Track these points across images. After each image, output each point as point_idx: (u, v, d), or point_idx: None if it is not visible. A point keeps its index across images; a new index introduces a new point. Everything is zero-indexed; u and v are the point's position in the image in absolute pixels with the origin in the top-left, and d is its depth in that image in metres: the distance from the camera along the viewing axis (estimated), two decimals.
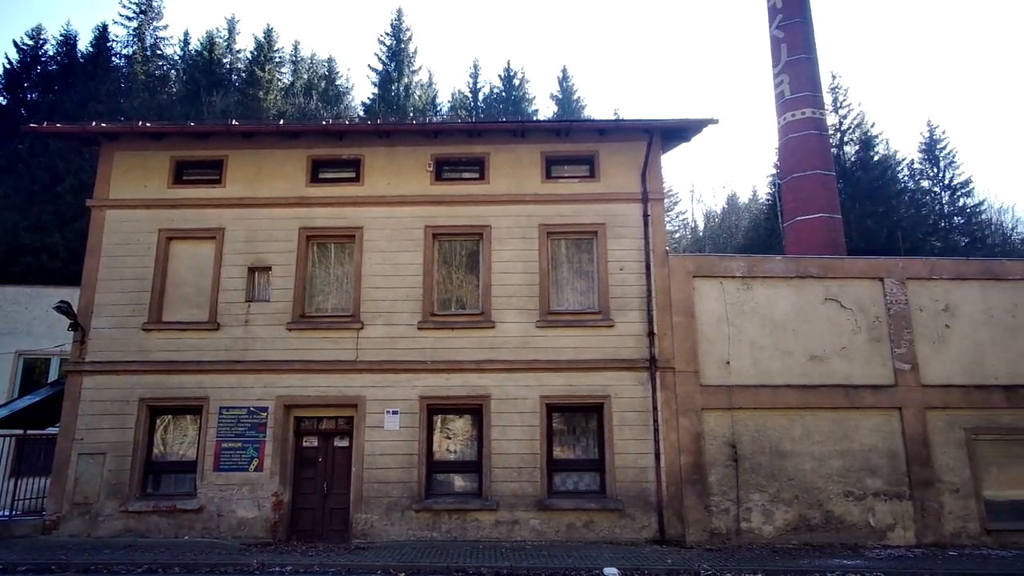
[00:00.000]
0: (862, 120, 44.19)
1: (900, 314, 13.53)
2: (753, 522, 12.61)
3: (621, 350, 13.15)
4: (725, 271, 13.70)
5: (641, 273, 13.47)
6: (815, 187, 24.57)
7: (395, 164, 14.21)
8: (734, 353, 13.29)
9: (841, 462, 12.90)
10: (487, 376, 13.04)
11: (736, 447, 12.91)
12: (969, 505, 12.72)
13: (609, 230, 13.73)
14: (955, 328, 13.57)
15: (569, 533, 12.39)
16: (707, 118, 13.68)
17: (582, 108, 48.07)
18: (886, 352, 13.40)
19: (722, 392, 13.07)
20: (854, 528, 12.61)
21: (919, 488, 12.73)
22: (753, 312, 13.50)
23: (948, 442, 13.00)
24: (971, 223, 44.92)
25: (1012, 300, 13.73)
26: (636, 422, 12.85)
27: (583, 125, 15.21)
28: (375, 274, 13.58)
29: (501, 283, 13.51)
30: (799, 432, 13.00)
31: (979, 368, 13.38)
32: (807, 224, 24.29)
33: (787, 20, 26.47)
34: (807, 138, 25.01)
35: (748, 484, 12.77)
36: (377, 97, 43.52)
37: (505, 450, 12.74)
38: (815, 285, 13.67)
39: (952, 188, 45.14)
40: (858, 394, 13.15)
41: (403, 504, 12.49)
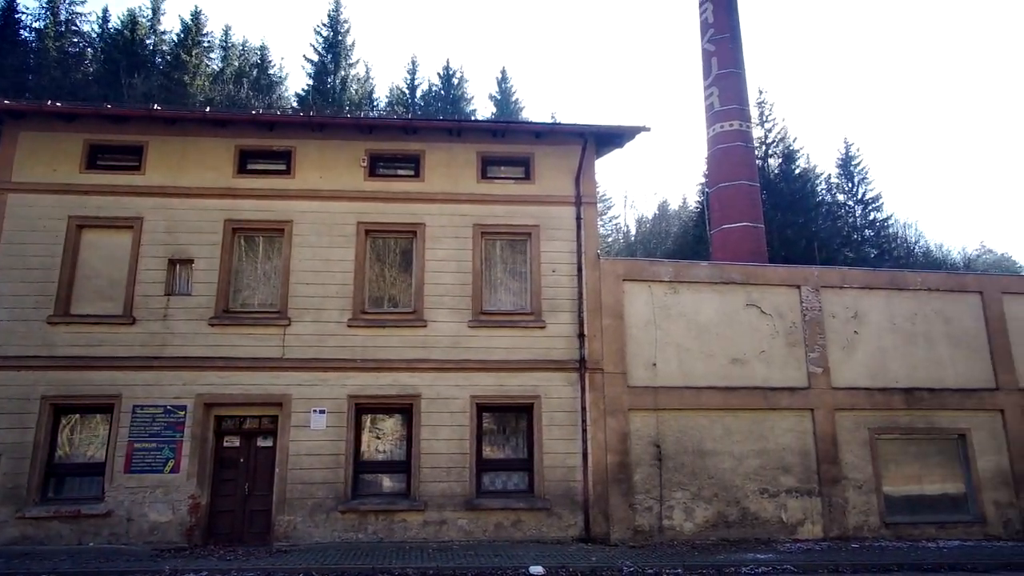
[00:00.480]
0: (785, 135, 46.39)
1: (815, 320, 14.28)
2: (675, 519, 13.01)
3: (552, 351, 13.32)
4: (654, 275, 14.10)
5: (573, 275, 13.69)
6: (740, 197, 25.65)
7: (328, 158, 13.89)
8: (660, 355, 13.68)
9: (758, 461, 13.48)
10: (418, 375, 12.93)
11: (660, 447, 13.29)
12: (871, 500, 13.55)
13: (543, 232, 13.87)
14: (863, 334, 14.44)
15: (497, 532, 12.43)
16: (640, 126, 14.05)
17: (520, 110, 48.43)
18: (801, 356, 14.11)
19: (648, 393, 13.43)
20: (768, 523, 13.21)
21: (827, 485, 13.46)
22: (679, 316, 13.94)
23: (854, 441, 13.81)
24: (880, 236, 47.90)
25: (912, 309, 14.73)
26: (565, 422, 13.04)
27: (519, 127, 15.33)
28: (304, 269, 13.24)
29: (434, 282, 13.42)
30: (720, 432, 13.51)
31: (882, 372, 14.28)
32: (732, 232, 25.32)
33: (718, 35, 27.52)
34: (734, 149, 26.08)
35: (671, 483, 13.17)
36: (312, 89, 42.46)
37: (434, 450, 12.67)
38: (738, 291, 14.25)
39: (864, 203, 48.02)
40: (775, 396, 13.79)
41: (328, 505, 12.22)
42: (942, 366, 14.52)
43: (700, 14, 28.70)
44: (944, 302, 14.90)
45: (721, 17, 27.61)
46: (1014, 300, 15.14)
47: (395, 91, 47.47)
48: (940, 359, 14.55)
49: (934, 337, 14.65)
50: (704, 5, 28.42)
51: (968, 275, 17.11)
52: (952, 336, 14.71)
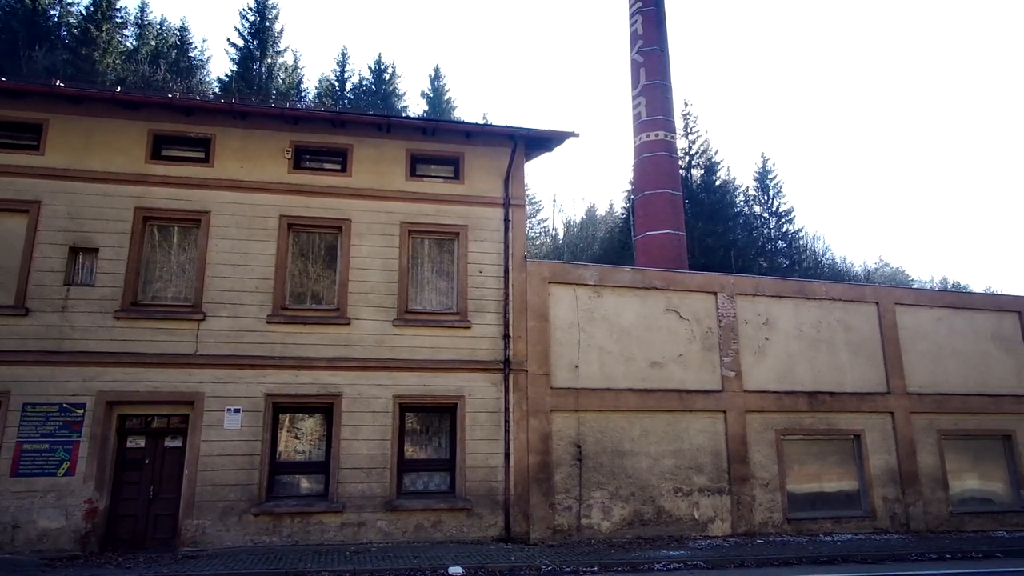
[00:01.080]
0: (708, 147, 48.27)
1: (729, 326, 14.93)
2: (593, 518, 13.29)
3: (477, 351, 13.33)
4: (579, 279, 14.36)
5: (500, 277, 13.75)
6: (664, 205, 26.50)
7: (251, 148, 13.38)
8: (583, 357, 13.95)
9: (673, 461, 13.97)
10: (339, 374, 12.65)
11: (581, 447, 13.54)
12: (775, 498, 14.30)
13: (471, 232, 13.87)
14: (773, 340, 15.22)
15: (417, 533, 12.32)
16: (569, 131, 14.29)
17: (452, 109, 48.25)
18: (716, 360, 14.72)
19: (571, 394, 13.66)
20: (681, 521, 13.70)
21: (737, 483, 14.10)
22: (602, 319, 14.26)
23: (762, 442, 14.53)
24: (792, 247, 50.62)
25: (817, 317, 15.66)
26: (488, 423, 13.08)
27: (450, 126, 15.24)
28: (222, 263, 12.70)
29: (359, 279, 13.17)
30: (638, 433, 13.91)
31: (789, 376, 15.11)
32: (655, 239, 26.12)
33: (647, 47, 28.34)
34: (659, 159, 26.92)
35: (590, 482, 13.44)
36: (236, 75, 40.76)
37: (355, 450, 12.42)
38: (658, 296, 14.72)
39: (778, 215, 50.61)
40: (691, 398, 14.33)
41: (241, 508, 11.75)
42: (842, 371, 15.50)
43: (630, 25, 29.48)
44: (845, 311, 15.92)
45: (650, 30, 28.45)
46: (906, 311, 16.36)
47: (324, 83, 46.27)
48: (840, 364, 15.54)
49: (836, 344, 15.63)
50: (634, 17, 29.22)
51: (867, 287, 18.32)
52: (851, 343, 15.73)
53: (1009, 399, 16.43)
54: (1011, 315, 17.18)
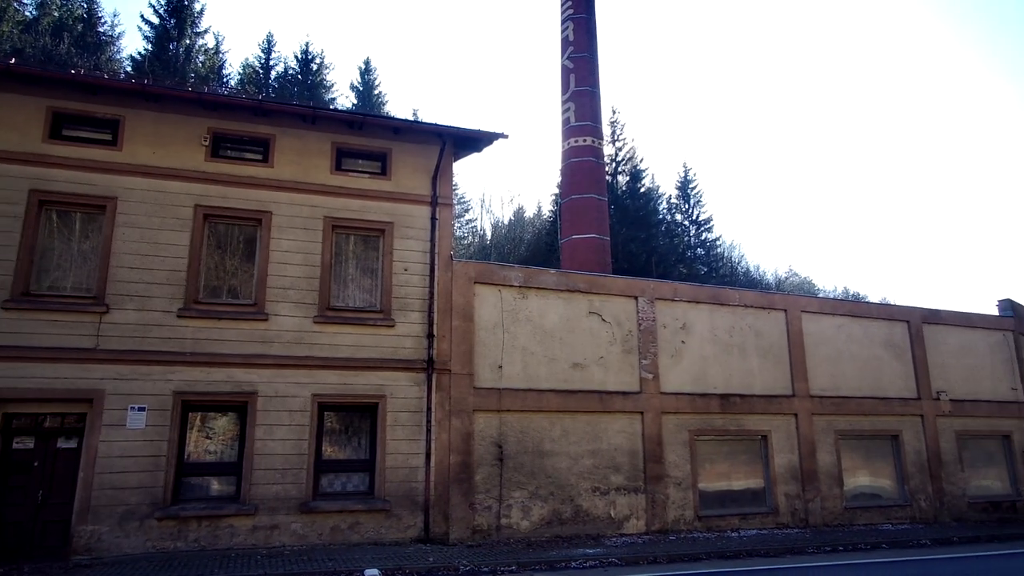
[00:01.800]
0: (634, 155, 49.60)
1: (648, 329, 15.40)
2: (512, 518, 13.38)
3: (400, 350, 13.16)
4: (504, 280, 14.43)
5: (425, 275, 13.64)
6: (590, 210, 27.04)
7: (164, 133, 12.69)
8: (507, 358, 14.04)
9: (592, 460, 14.26)
10: (255, 372, 12.19)
11: (503, 447, 13.62)
12: (688, 496, 14.86)
13: (397, 230, 13.69)
14: (688, 344, 15.81)
15: (333, 536, 12.03)
16: (498, 132, 14.35)
17: (383, 104, 47.46)
18: (635, 362, 15.14)
19: (493, 394, 13.71)
20: (598, 520, 14.01)
21: (652, 482, 14.56)
22: (527, 320, 14.40)
23: (676, 442, 15.06)
24: (710, 255, 52.73)
25: (731, 323, 16.39)
26: (409, 422, 12.94)
27: (378, 121, 15.02)
28: (129, 252, 11.97)
29: (279, 274, 12.75)
30: (558, 433, 14.12)
31: (703, 379, 15.73)
32: (581, 242, 26.62)
33: (577, 53, 28.84)
34: (586, 164, 27.45)
35: (511, 482, 13.53)
36: (150, 55, 38.51)
37: (270, 450, 12.00)
38: (582, 299, 15.00)
39: (698, 223, 52.63)
40: (610, 399, 14.67)
41: (143, 512, 11.11)
42: (752, 374, 16.29)
43: (562, 32, 29.93)
44: (756, 318, 16.74)
45: (581, 37, 28.98)
46: (810, 318, 17.37)
47: (248, 69, 44.44)
48: (751, 368, 16.32)
49: (747, 348, 16.40)
50: (566, 24, 29.68)
51: (776, 295, 19.34)
52: (761, 348, 16.56)
53: (897, 402, 17.75)
54: (901, 324, 18.56)
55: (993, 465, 18.92)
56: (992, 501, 18.29)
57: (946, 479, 17.69)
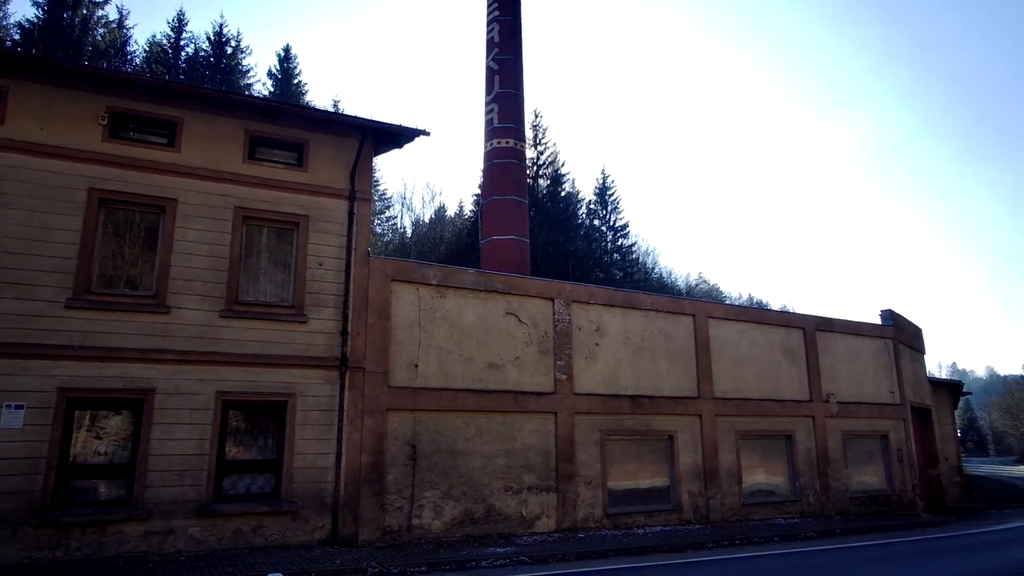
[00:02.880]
0: (555, 158, 50.38)
1: (564, 331, 15.67)
2: (424, 518, 13.26)
3: (312, 347, 12.78)
4: (422, 278, 14.30)
5: (341, 271, 13.30)
6: (510, 211, 27.21)
7: (55, 109, 11.73)
8: (423, 357, 13.91)
9: (505, 460, 14.35)
10: (154, 367, 11.49)
11: (416, 447, 13.47)
12: (597, 494, 15.22)
13: (312, 223, 13.28)
14: (602, 346, 16.21)
15: (235, 540, 11.51)
16: (420, 129, 14.20)
17: (302, 94, 45.96)
18: (550, 363, 15.37)
19: (408, 394, 13.55)
20: (510, 519, 14.11)
21: (563, 481, 14.81)
22: (444, 319, 14.32)
23: (587, 442, 15.40)
24: (625, 260, 54.30)
25: (643, 326, 16.94)
26: (320, 421, 12.58)
27: (296, 110, 14.56)
28: (11, 236, 11.00)
29: (183, 264, 12.07)
30: (473, 433, 14.12)
31: (615, 380, 16.17)
32: (501, 243, 26.74)
33: (502, 55, 28.98)
34: (508, 166, 27.61)
35: (424, 482, 13.41)
36: (42, 23, 35.60)
37: (168, 451, 11.34)
38: (500, 299, 15.08)
39: (615, 229, 54.07)
40: (525, 399, 14.82)
41: (17, 519, 10.21)
42: (661, 377, 16.90)
43: (487, 33, 29.98)
44: (667, 322, 17.38)
45: (506, 39, 29.14)
46: (717, 324, 18.22)
47: (155, 47, 41.89)
48: (660, 371, 16.93)
49: (657, 351, 17.00)
50: (491, 25, 29.76)
51: (686, 301, 20.18)
52: (670, 351, 17.21)
53: (792, 404, 18.91)
54: (798, 331, 19.79)
55: (872, 462, 20.51)
56: (870, 495, 19.82)
57: (832, 476, 19.01)
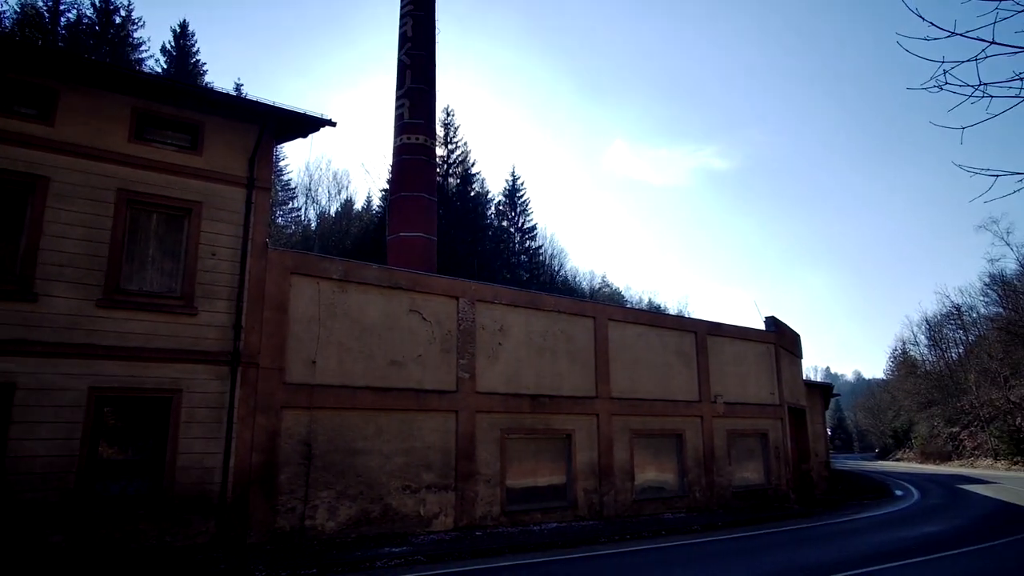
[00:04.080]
0: (466, 158, 50.40)
1: (468, 330, 15.70)
2: (318, 519, 12.88)
3: (202, 341, 12.10)
4: (323, 272, 13.89)
5: (235, 262, 12.68)
6: (419, 208, 26.96)
7: None
8: (322, 353, 13.51)
9: (404, 459, 14.18)
10: (15, 360, 10.47)
11: (311, 446, 13.06)
12: (495, 492, 15.35)
13: (206, 210, 12.58)
14: (505, 345, 16.37)
15: (106, 548, 10.68)
16: (326, 119, 13.77)
17: (200, 74, 43.47)
18: (453, 362, 15.35)
19: (304, 391, 13.12)
20: (407, 518, 13.97)
21: (462, 480, 14.83)
22: (345, 315, 13.97)
23: (488, 440, 15.51)
24: (532, 262, 55.13)
25: (545, 327, 17.26)
26: (208, 419, 11.93)
27: (190, 90, 13.73)
28: None
29: (54, 248, 11.10)
30: (372, 431, 13.86)
31: (516, 379, 16.38)
32: (408, 240, 26.43)
33: (415, 50, 28.67)
34: (417, 162, 27.34)
35: (318, 482, 13.02)
36: None
37: (31, 452, 10.38)
38: (403, 297, 14.89)
39: (523, 231, 54.78)
40: (427, 398, 14.72)
41: None
42: (561, 377, 17.29)
43: (400, 26, 29.57)
44: (568, 323, 17.80)
45: (419, 33, 28.86)
46: (616, 326, 18.86)
47: (28, 9, 38.22)
48: (561, 371, 17.31)
49: (558, 352, 17.38)
50: (404, 19, 29.38)
51: (587, 303, 20.73)
52: (571, 352, 17.63)
53: (683, 404, 19.88)
54: (690, 334, 20.84)
55: (753, 459, 21.92)
56: (750, 490, 21.17)
57: (717, 472, 20.15)
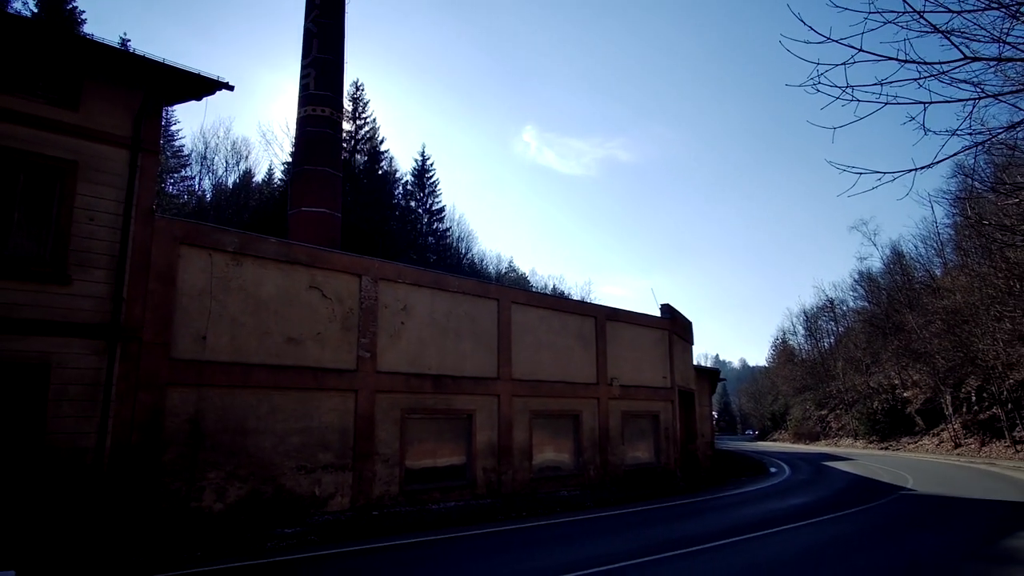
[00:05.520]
0: (374, 134, 49.16)
1: (370, 308, 15.43)
2: (205, 501, 12.31)
3: (76, 312, 11.17)
4: (217, 243, 13.18)
5: (116, 228, 11.76)
6: (323, 183, 26.08)
7: None
8: (213, 328, 12.86)
9: (300, 439, 13.80)
10: None
11: (200, 424, 12.44)
12: (394, 472, 15.27)
13: (83, 171, 11.57)
14: (408, 325, 16.24)
15: None
16: (223, 81, 12.97)
17: (80, 23, 39.73)
18: (354, 341, 15.05)
19: (193, 368, 12.46)
20: (302, 499, 13.62)
21: (360, 460, 14.63)
22: (240, 289, 13.36)
23: (388, 420, 15.37)
24: (440, 244, 54.77)
25: (449, 308, 17.27)
26: (82, 396, 11.06)
27: (67, 37, 12.49)
28: None
29: None
30: (266, 410, 13.38)
31: (419, 359, 16.31)
32: (311, 216, 25.53)
33: (322, 18, 27.55)
34: (322, 135, 26.40)
35: (206, 463, 12.43)
36: None
37: None
38: (303, 272, 14.41)
39: (431, 212, 54.26)
40: (325, 377, 14.36)
41: None
42: (464, 357, 17.37)
43: None
44: (472, 305, 17.89)
45: (327, 2, 27.75)
46: (519, 309, 19.15)
47: None
48: (464, 352, 17.39)
49: (462, 333, 17.44)
50: None
51: (492, 285, 20.90)
52: (475, 333, 17.75)
53: (581, 386, 20.54)
54: (590, 319, 21.51)
55: (644, 439, 23.03)
56: (641, 468, 22.25)
57: (611, 452, 21.00)
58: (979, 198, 26.43)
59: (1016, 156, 12.34)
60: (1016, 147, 10.52)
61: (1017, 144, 10.17)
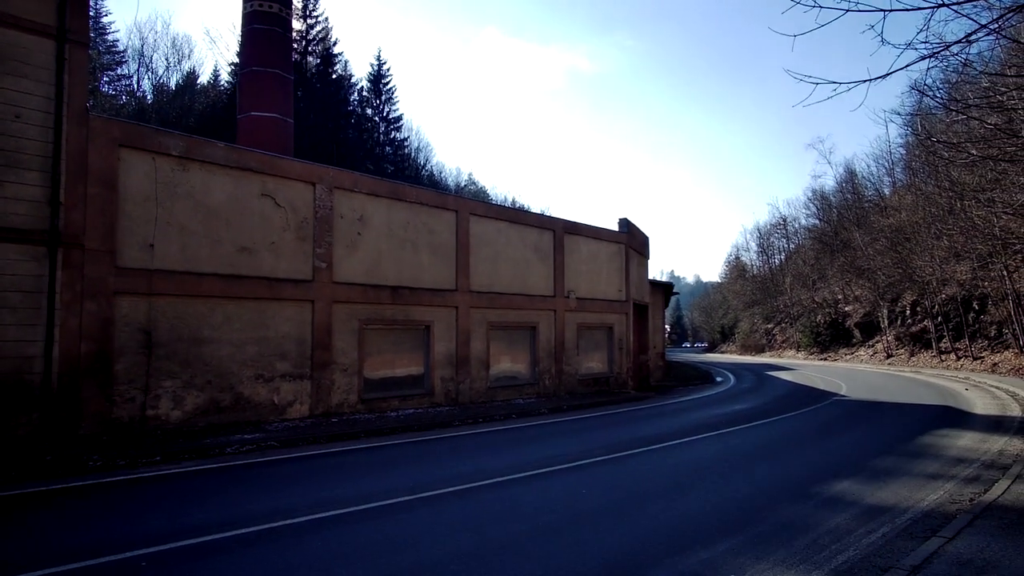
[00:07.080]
0: (327, 35, 46.49)
1: (325, 218, 15.11)
2: (161, 409, 12.35)
3: (8, 217, 10.63)
4: (160, 147, 12.54)
5: (48, 128, 11.04)
6: (273, 86, 24.77)
7: None
8: (160, 236, 12.45)
9: (257, 348, 13.79)
10: None
11: (152, 334, 12.28)
12: (353, 381, 15.50)
13: (4, 63, 10.67)
14: (365, 236, 16.02)
15: None
16: None
17: None
18: (309, 251, 14.82)
19: (142, 276, 12.14)
20: (260, 407, 13.78)
21: (318, 369, 14.77)
22: (187, 196, 12.86)
23: (346, 330, 15.42)
24: (398, 155, 53.30)
25: (407, 219, 17.04)
26: (23, 304, 10.73)
27: None
28: None
29: None
30: (220, 320, 13.25)
31: (376, 270, 16.22)
32: (260, 120, 24.40)
33: None
34: (271, 34, 24.82)
35: (161, 371, 12.37)
36: None
37: None
38: (254, 179, 13.92)
39: (388, 121, 52.40)
40: (280, 287, 14.20)
41: None
42: (422, 269, 17.34)
43: None
44: (431, 216, 17.68)
45: None
46: (478, 221, 19.03)
47: None
48: (421, 263, 17.34)
49: (419, 244, 17.32)
50: None
51: (450, 196, 20.60)
52: (432, 245, 17.65)
53: (539, 298, 20.85)
54: (549, 232, 21.56)
55: (598, 350, 23.76)
56: (594, 377, 23.09)
57: (566, 362, 21.66)
58: (931, 115, 26.86)
59: (968, 73, 12.46)
60: (969, 63, 10.61)
61: (970, 60, 10.25)
